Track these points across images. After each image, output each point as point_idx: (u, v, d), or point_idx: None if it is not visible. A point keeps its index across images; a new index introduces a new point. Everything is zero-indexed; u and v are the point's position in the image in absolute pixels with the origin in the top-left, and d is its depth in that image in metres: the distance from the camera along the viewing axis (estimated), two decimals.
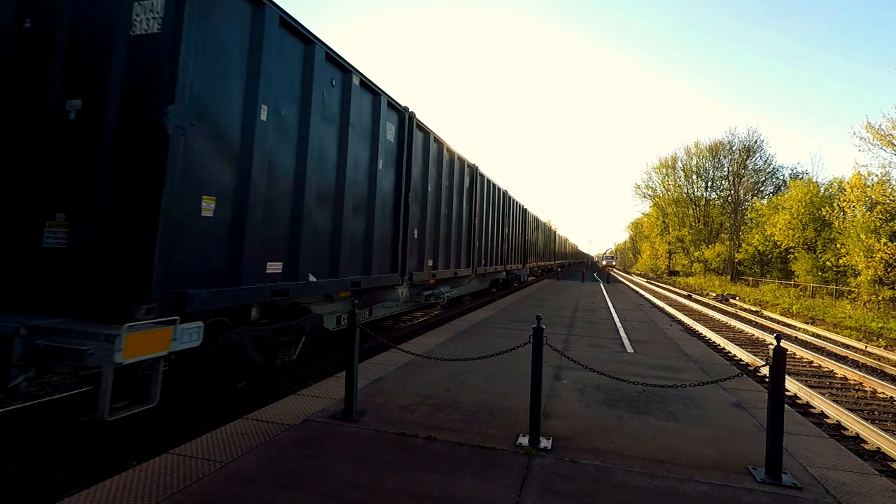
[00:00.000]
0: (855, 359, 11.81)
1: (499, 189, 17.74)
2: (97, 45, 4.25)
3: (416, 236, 9.31)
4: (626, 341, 9.17)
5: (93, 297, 3.97)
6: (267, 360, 5.52)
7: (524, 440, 4.01)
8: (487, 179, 15.74)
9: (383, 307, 9.53)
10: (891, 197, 26.79)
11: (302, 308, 6.39)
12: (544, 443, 3.98)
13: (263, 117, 5.04)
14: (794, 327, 17.79)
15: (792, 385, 8.31)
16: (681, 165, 61.49)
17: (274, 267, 5.33)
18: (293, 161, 5.65)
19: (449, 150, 11.24)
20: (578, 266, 70.51)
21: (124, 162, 4.07)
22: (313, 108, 5.86)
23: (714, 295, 32.11)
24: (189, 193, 4.22)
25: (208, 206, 4.46)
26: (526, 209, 25.18)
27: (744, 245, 46.97)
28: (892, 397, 8.29)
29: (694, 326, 16.20)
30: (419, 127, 9.35)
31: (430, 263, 10.17)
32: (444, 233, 11.06)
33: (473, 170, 13.71)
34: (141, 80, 4.12)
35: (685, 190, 61.34)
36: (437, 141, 10.36)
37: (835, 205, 32.98)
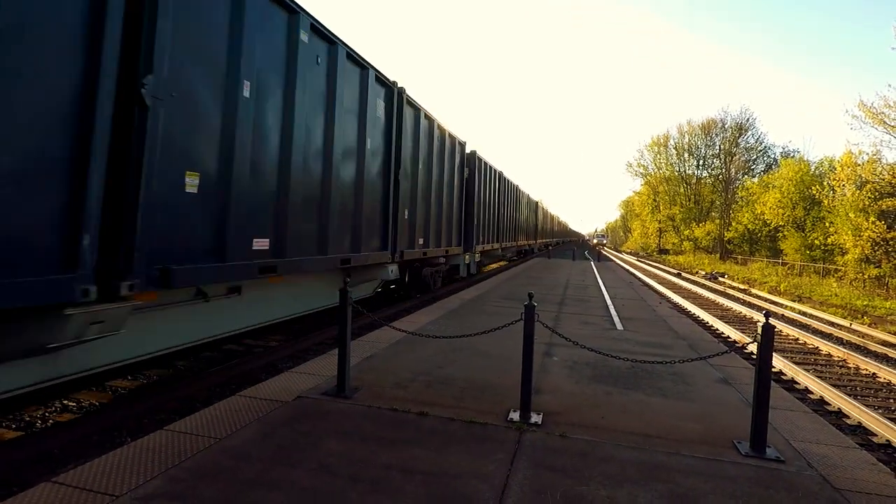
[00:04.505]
0: (840, 336, 12.03)
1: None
2: None
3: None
4: (616, 318, 9.27)
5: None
6: (430, 283, 12.28)
7: (515, 415, 4.07)
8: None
9: None
10: (880, 176, 26.99)
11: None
12: (535, 418, 4.04)
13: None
14: (781, 305, 18.06)
15: (778, 361, 8.46)
16: (673, 143, 61.46)
17: (420, 241, 10.10)
18: (427, 184, 10.97)
19: None
20: (569, 245, 70.80)
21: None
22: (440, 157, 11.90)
23: (703, 273, 32.44)
24: (402, 203, 9.43)
25: (409, 212, 9.71)
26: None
27: (734, 223, 47.30)
28: (874, 373, 8.47)
29: (683, 304, 16.39)
30: None
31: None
32: None
33: None
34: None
35: (677, 168, 61.39)
36: None
37: (825, 183, 33.19)
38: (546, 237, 44.73)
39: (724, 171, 55.11)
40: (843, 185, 29.57)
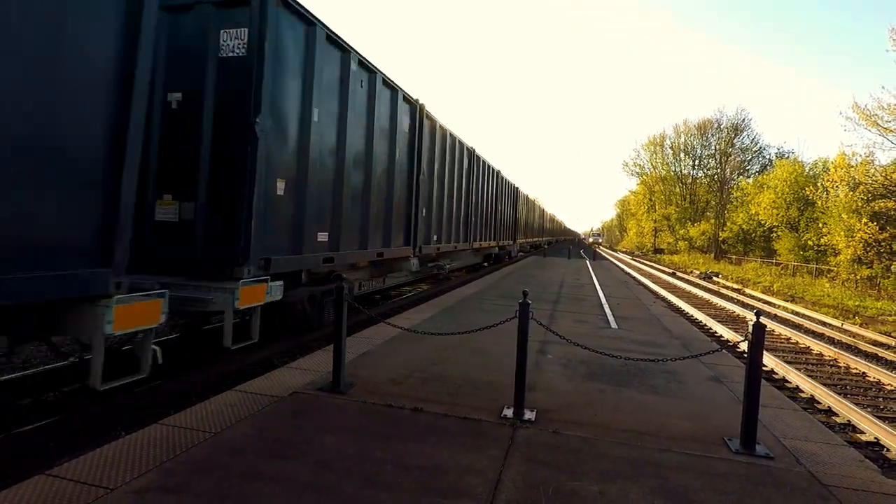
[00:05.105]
0: (831, 336, 12.14)
1: None
2: None
3: None
4: (610, 317, 9.32)
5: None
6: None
7: (509, 412, 4.10)
8: None
9: None
10: (873, 177, 27.17)
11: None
12: (528, 415, 4.07)
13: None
14: (774, 305, 18.17)
15: (769, 360, 8.54)
16: (669, 143, 61.64)
17: (435, 238, 11.94)
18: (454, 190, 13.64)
19: None
20: (565, 244, 70.96)
21: None
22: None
23: (698, 273, 32.57)
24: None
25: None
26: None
27: (728, 224, 47.54)
28: (864, 373, 8.56)
29: (677, 303, 16.48)
30: None
31: None
32: None
33: None
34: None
35: (673, 168, 61.61)
36: None
37: (819, 184, 33.42)
38: (534, 235, 38.95)
39: (719, 171, 55.35)
40: (837, 187, 29.77)
